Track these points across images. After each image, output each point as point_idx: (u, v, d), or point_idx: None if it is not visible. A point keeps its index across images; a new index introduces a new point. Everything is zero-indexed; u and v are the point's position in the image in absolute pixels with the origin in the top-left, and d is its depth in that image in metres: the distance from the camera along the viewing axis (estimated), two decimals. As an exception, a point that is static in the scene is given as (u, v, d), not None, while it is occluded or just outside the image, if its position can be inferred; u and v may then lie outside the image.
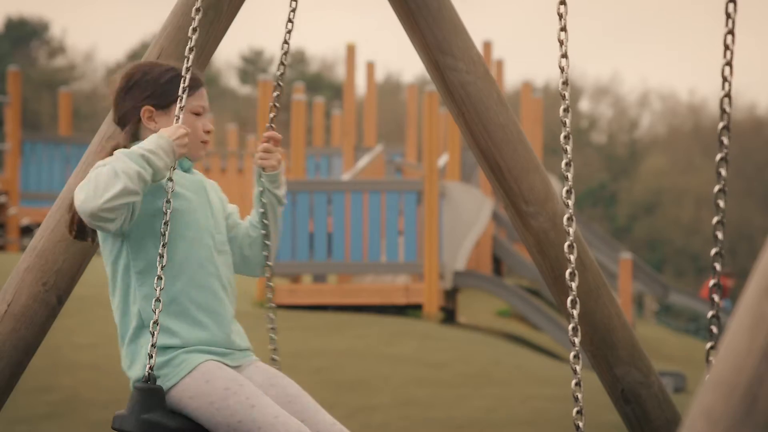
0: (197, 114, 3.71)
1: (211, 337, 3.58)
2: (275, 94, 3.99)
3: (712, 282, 3.06)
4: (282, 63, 3.97)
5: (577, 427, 3.28)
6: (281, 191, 3.93)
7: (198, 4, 3.70)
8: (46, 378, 9.73)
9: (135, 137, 3.69)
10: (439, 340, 12.20)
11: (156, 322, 3.44)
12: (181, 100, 3.64)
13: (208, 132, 3.74)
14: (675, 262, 49.06)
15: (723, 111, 3.03)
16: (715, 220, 3.02)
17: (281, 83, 3.98)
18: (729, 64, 3.06)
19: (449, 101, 4.15)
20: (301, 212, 13.58)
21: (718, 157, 2.99)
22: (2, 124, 22.74)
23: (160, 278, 3.47)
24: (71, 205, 3.53)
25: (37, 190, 18.92)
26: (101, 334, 11.07)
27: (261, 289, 13.35)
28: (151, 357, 3.45)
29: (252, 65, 55.08)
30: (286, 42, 4.03)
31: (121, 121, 3.72)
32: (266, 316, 4.10)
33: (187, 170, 3.73)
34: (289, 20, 4.04)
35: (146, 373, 3.43)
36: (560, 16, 3.37)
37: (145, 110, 3.67)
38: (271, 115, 3.97)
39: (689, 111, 55.61)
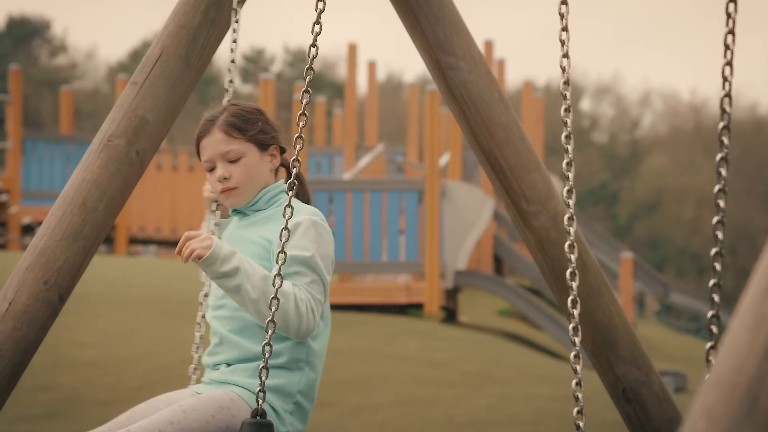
0: (208, 170, 3.72)
1: None
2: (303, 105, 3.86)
3: (712, 282, 3.05)
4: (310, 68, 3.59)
5: (578, 426, 3.28)
6: (223, 267, 3.41)
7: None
8: (47, 377, 9.73)
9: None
10: (440, 339, 12.20)
11: None
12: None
13: (221, 180, 3.68)
14: (676, 261, 49.04)
15: (723, 111, 3.03)
16: (715, 219, 3.02)
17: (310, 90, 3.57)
18: (729, 64, 3.06)
19: (450, 101, 4.15)
20: (302, 211, 13.57)
21: (719, 156, 2.99)
22: (3, 123, 22.74)
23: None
24: None
25: (38, 189, 18.91)
26: (102, 333, 11.07)
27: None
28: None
29: (254, 64, 55.04)
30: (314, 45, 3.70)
31: None
32: None
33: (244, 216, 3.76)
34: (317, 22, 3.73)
35: None
36: (562, 16, 3.37)
37: None
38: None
39: (690, 111, 55.57)
